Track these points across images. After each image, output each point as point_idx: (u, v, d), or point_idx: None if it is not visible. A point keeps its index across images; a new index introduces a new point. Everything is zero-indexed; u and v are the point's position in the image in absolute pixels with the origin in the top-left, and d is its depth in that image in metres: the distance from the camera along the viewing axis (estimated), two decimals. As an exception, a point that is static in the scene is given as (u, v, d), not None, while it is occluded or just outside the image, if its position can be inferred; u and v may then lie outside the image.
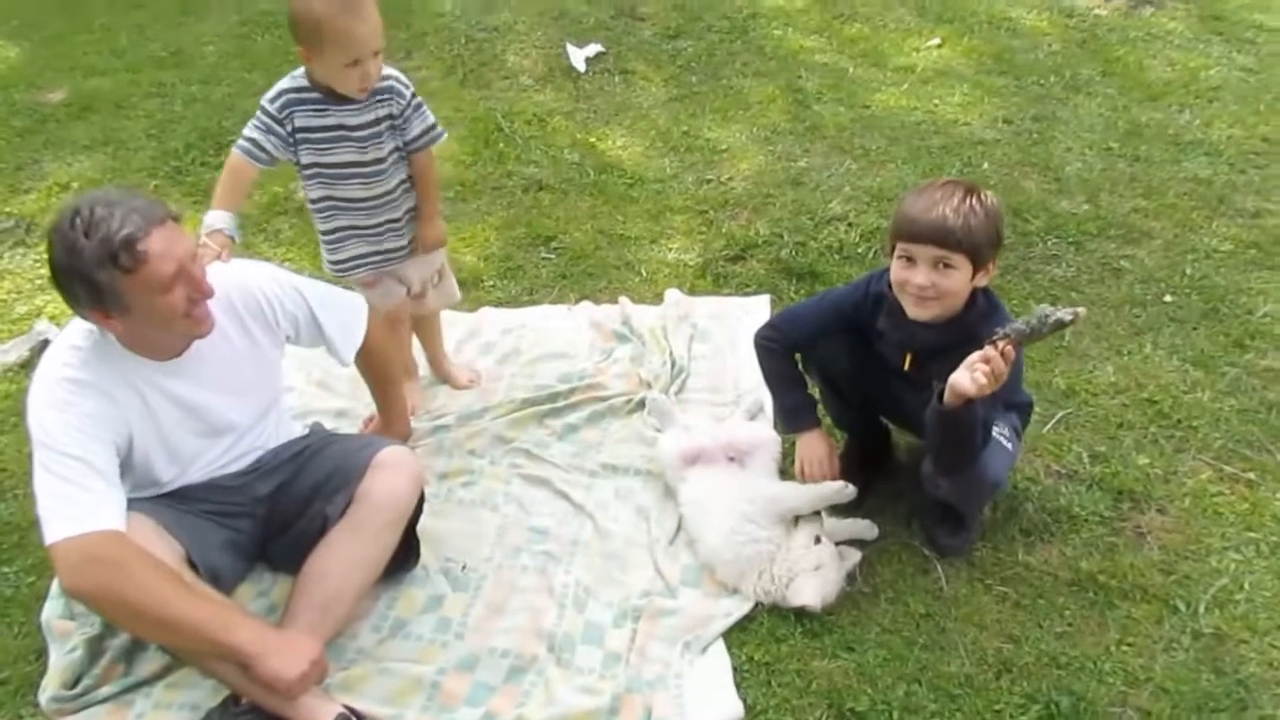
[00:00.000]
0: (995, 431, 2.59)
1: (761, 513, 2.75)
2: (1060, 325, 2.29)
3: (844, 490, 2.72)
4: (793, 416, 2.91)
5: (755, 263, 3.94)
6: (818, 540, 2.71)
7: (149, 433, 2.39)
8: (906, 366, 2.65)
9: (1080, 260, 3.87)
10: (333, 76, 2.69)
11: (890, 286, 2.58)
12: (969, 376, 2.30)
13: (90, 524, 2.17)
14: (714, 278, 3.89)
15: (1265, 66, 5.14)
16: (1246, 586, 2.68)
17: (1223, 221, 4.06)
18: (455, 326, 3.66)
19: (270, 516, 2.63)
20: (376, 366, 2.96)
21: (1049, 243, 3.97)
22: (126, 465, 2.37)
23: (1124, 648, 2.55)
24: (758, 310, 3.68)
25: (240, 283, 2.53)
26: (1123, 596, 2.67)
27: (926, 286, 2.47)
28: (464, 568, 2.82)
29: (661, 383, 3.39)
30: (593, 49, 5.45)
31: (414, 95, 2.86)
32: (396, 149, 2.89)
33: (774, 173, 4.47)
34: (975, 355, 2.31)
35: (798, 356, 2.90)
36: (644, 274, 3.93)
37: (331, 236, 3.00)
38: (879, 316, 2.65)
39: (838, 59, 5.39)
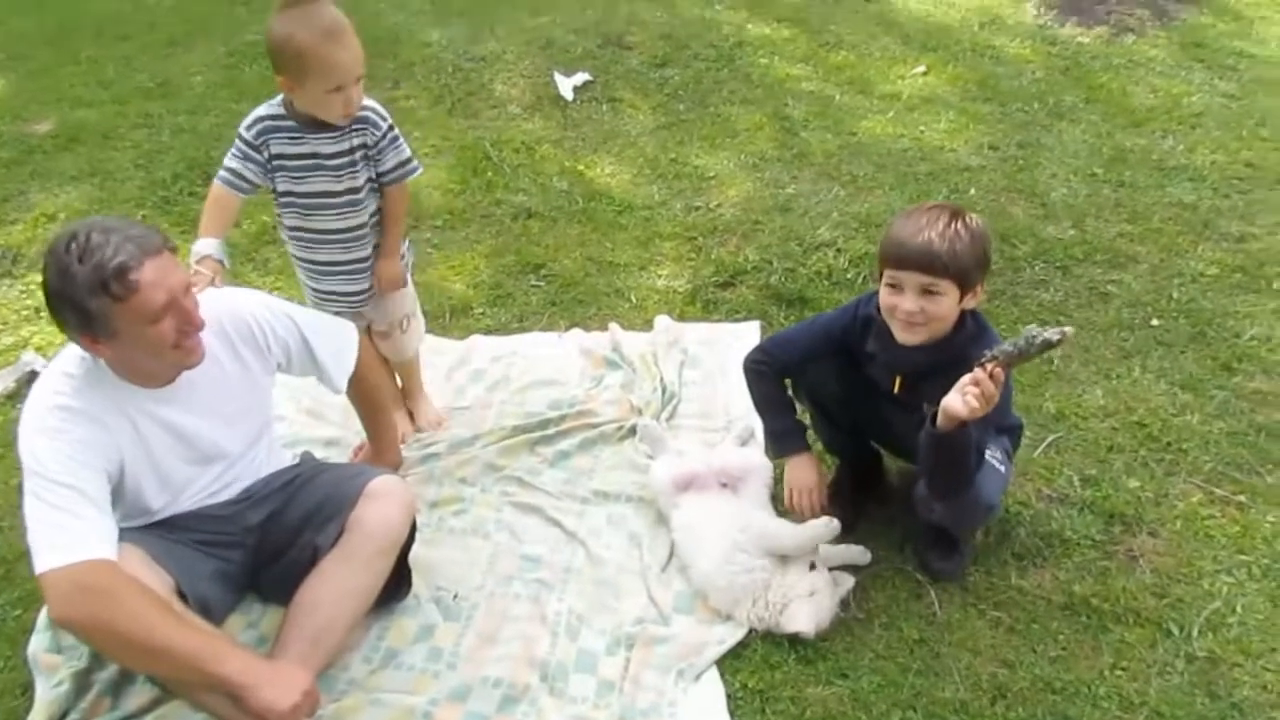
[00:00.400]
0: (988, 454, 2.58)
1: (753, 543, 2.74)
2: (1048, 345, 2.28)
3: (830, 526, 2.71)
4: (782, 440, 2.90)
5: (745, 289, 3.95)
6: (812, 566, 2.71)
7: (140, 460, 2.38)
8: (896, 389, 2.65)
9: (1068, 285, 3.89)
10: (316, 104, 2.69)
11: (879, 310, 2.58)
12: (961, 399, 2.31)
13: (81, 552, 2.15)
14: (704, 304, 3.89)
15: (1247, 93, 5.18)
16: (1239, 609, 2.68)
17: (1208, 246, 4.09)
18: (445, 354, 3.66)
19: (260, 546, 2.62)
20: (367, 394, 2.95)
21: (1036, 267, 3.99)
22: (117, 493, 2.35)
23: (1118, 672, 2.55)
24: (748, 336, 3.67)
25: (232, 308, 2.54)
26: (1116, 620, 2.67)
27: (915, 312, 2.48)
28: (455, 597, 2.80)
29: (652, 409, 3.38)
30: (580, 77, 5.46)
31: (391, 127, 2.85)
32: (371, 180, 2.88)
33: (762, 199, 4.49)
34: (966, 378, 2.31)
35: (787, 382, 2.89)
36: (634, 301, 3.94)
37: (312, 267, 2.99)
38: (868, 339, 2.65)
39: (824, 87, 5.42)
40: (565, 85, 5.40)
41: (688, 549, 2.85)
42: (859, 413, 2.82)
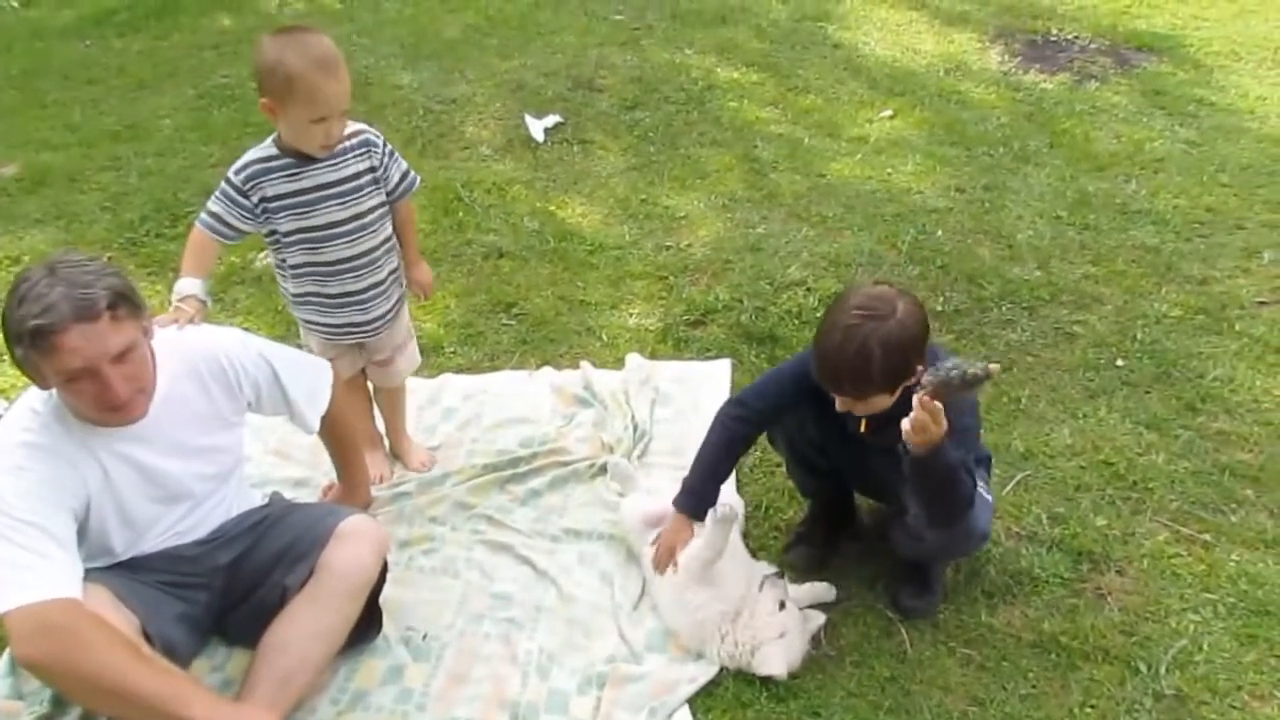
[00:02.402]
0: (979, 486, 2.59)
1: (694, 578, 2.73)
2: (969, 381, 2.30)
3: (729, 512, 2.69)
4: (693, 500, 2.79)
5: (715, 327, 3.97)
6: (782, 606, 2.70)
7: (105, 498, 2.35)
8: (863, 430, 2.63)
9: (1034, 325, 3.93)
10: (296, 132, 2.68)
11: None
12: (908, 425, 2.35)
13: (46, 591, 2.12)
14: (675, 342, 3.90)
15: (1207, 140, 5.26)
16: (1205, 647, 2.70)
17: (1171, 288, 4.14)
18: (416, 393, 3.63)
19: (228, 587, 2.59)
20: (339, 434, 2.94)
21: (1003, 308, 4.02)
22: (81, 532, 2.32)
23: (1087, 709, 2.56)
24: (719, 374, 3.69)
25: (206, 345, 2.53)
26: (1085, 658, 2.68)
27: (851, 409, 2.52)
28: (425, 636, 2.79)
29: (624, 446, 3.38)
30: (551, 120, 5.49)
31: (387, 144, 2.89)
32: (378, 205, 2.89)
33: (732, 239, 4.51)
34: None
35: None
36: (605, 339, 3.95)
37: (325, 301, 2.95)
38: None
39: (793, 129, 5.47)
40: (536, 127, 5.43)
41: (656, 588, 2.85)
42: (836, 458, 2.82)
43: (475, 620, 2.84)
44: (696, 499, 2.78)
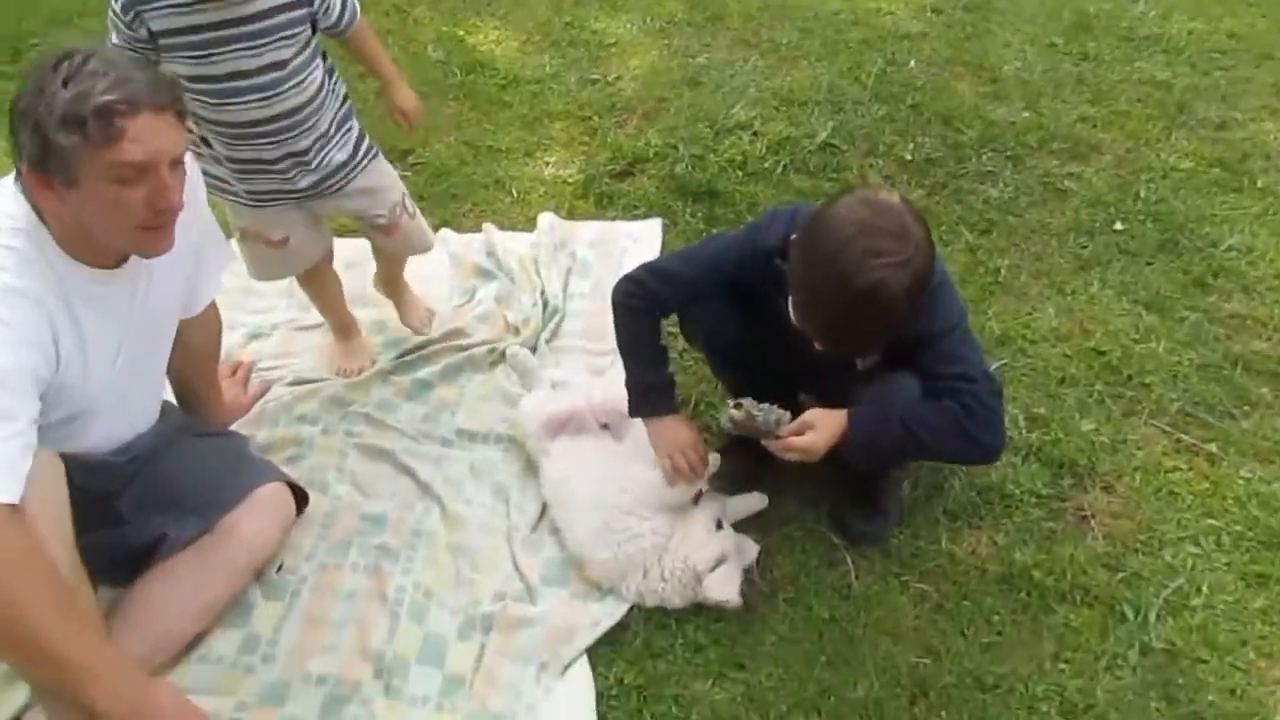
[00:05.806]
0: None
1: (639, 503, 2.43)
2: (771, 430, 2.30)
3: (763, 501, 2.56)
4: (649, 397, 2.48)
5: (645, 179, 3.64)
6: (719, 526, 2.43)
7: (75, 355, 2.04)
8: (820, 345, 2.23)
9: (1019, 179, 3.59)
10: None
11: (786, 254, 2.13)
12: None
13: None
14: (597, 198, 3.58)
15: (1231, -52, 4.86)
16: (1205, 589, 2.40)
17: (1182, 134, 3.80)
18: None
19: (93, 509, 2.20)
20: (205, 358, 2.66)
21: (984, 157, 3.69)
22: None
23: (1061, 665, 2.27)
24: (647, 237, 3.38)
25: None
26: (1060, 598, 2.38)
27: None
28: (280, 568, 2.48)
29: (532, 327, 3.06)
30: (463, -77, 4.99)
31: None
32: (301, 52, 2.42)
33: (669, 71, 4.18)
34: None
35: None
36: (515, 194, 3.62)
37: (235, 167, 2.55)
38: (777, 294, 2.21)
39: (744, -64, 5.05)
40: (446, -65, 4.89)
41: (560, 510, 2.56)
42: (772, 359, 2.42)
43: (340, 549, 2.52)
44: (662, 391, 2.48)
